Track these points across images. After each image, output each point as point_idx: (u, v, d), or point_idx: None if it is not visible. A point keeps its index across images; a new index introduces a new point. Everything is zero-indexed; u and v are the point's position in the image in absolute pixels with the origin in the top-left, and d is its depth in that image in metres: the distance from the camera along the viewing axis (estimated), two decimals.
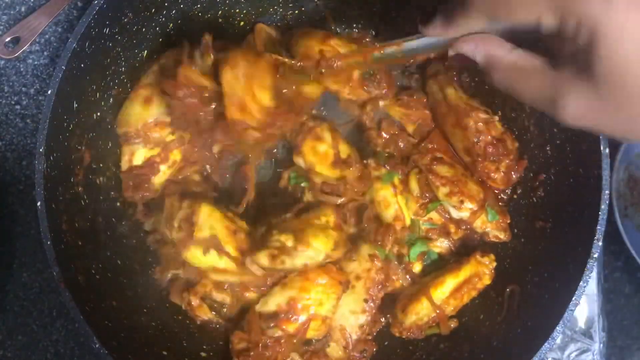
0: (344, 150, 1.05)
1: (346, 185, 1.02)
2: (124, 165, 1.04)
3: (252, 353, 0.94)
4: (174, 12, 1.03)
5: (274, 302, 0.96)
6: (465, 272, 0.99)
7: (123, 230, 1.05)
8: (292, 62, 0.93)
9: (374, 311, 1.00)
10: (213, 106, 0.90)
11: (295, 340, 0.95)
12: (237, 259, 0.96)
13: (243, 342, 0.96)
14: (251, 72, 0.86)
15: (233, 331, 0.99)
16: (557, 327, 0.83)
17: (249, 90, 0.86)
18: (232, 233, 0.97)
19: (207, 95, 0.89)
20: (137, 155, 1.04)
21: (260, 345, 0.94)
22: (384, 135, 1.12)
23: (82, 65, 0.89)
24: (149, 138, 1.01)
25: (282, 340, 0.95)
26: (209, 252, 0.94)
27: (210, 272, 0.98)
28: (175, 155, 1.06)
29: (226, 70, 0.85)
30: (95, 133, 0.98)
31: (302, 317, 0.94)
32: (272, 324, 0.94)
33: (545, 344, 0.83)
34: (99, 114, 0.99)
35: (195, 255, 0.95)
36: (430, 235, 1.06)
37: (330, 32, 1.07)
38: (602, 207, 0.84)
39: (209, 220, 0.96)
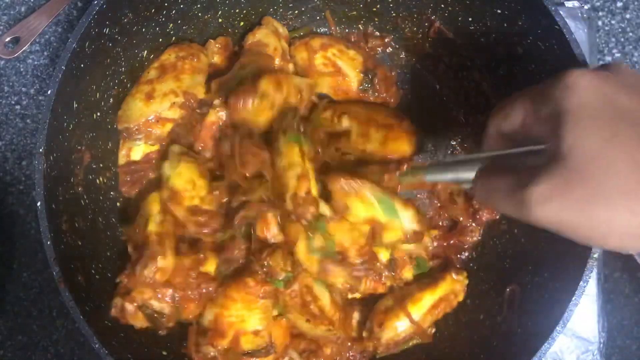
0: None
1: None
2: (121, 160, 1.04)
3: None
4: (174, 12, 1.03)
5: (206, 317, 0.93)
6: (442, 289, 1.00)
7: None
8: None
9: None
10: None
11: (232, 356, 0.91)
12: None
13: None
14: None
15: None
16: (557, 327, 0.83)
17: None
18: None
19: None
20: (136, 150, 1.04)
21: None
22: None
23: (82, 65, 0.89)
24: (150, 134, 1.01)
25: (219, 356, 0.91)
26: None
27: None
28: None
29: None
30: (95, 133, 0.98)
31: (230, 333, 0.90)
32: (205, 341, 0.91)
33: (545, 344, 0.83)
34: (99, 114, 0.99)
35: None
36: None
37: None
38: None
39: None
